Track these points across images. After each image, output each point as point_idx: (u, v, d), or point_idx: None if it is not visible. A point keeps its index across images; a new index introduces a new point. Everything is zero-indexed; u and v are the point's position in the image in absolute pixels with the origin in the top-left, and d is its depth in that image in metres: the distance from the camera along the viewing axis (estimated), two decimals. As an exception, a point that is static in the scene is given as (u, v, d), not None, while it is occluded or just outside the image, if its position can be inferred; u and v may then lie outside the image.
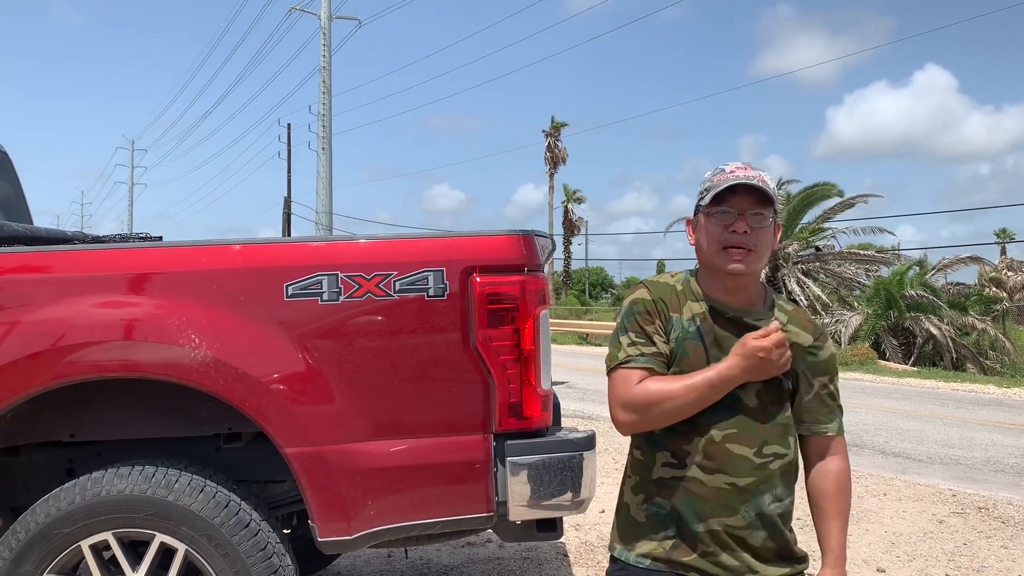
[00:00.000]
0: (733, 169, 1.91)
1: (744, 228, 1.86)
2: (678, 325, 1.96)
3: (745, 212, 1.87)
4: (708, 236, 1.90)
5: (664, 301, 1.98)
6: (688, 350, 1.94)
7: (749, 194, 1.87)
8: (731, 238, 1.86)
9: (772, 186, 1.89)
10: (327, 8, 27.15)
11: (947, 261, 25.58)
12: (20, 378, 2.45)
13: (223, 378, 2.45)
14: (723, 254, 1.88)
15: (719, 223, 1.88)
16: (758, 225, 1.88)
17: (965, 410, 11.33)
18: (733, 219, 1.87)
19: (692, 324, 1.95)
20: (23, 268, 2.58)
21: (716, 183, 1.89)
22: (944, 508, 5.94)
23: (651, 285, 2.02)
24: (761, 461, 1.90)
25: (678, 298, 1.98)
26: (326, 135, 26.95)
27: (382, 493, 2.50)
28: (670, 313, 1.96)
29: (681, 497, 1.92)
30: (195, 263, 2.57)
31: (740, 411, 1.90)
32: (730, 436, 1.89)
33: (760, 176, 1.88)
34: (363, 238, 2.65)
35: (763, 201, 1.88)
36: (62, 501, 2.47)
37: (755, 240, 1.87)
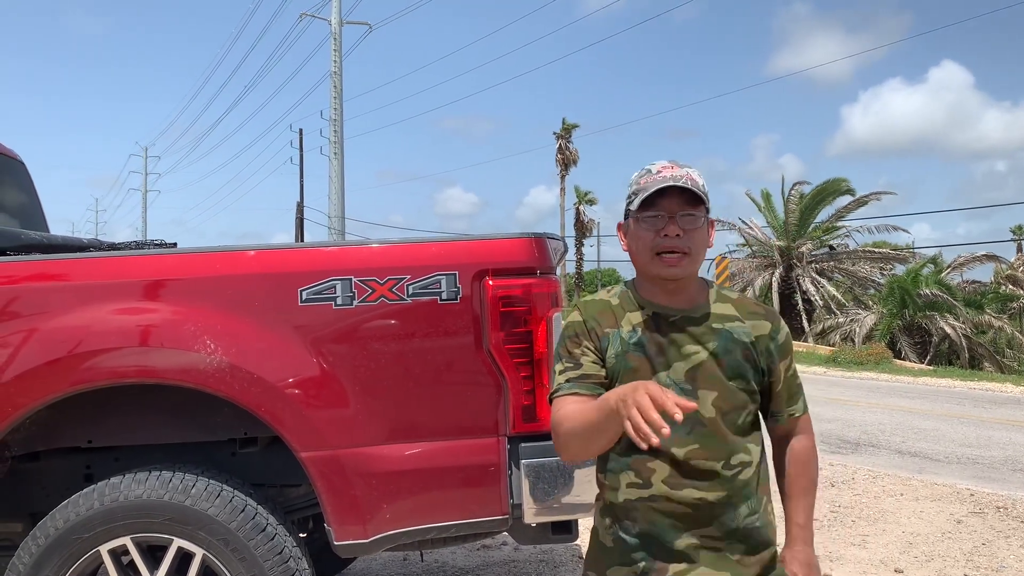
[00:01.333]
0: (660, 169, 1.80)
1: (676, 231, 1.76)
2: (616, 340, 1.83)
3: (676, 214, 1.76)
4: (640, 242, 1.80)
5: (596, 319, 1.86)
6: (631, 363, 1.81)
7: (678, 195, 1.77)
8: (664, 242, 1.77)
9: (701, 183, 1.79)
10: (337, 14, 27.26)
11: (963, 259, 25.41)
12: (39, 385, 2.48)
13: (238, 383, 2.46)
14: (657, 260, 1.78)
15: (650, 227, 1.78)
16: (691, 226, 1.77)
17: (982, 409, 11.24)
18: (664, 223, 1.77)
19: (633, 335, 1.83)
20: (40, 276, 2.60)
21: (644, 186, 1.78)
22: (962, 508, 5.90)
23: (582, 306, 1.91)
24: (730, 473, 1.79)
25: (614, 312, 1.87)
26: (338, 140, 27.05)
27: (397, 496, 2.51)
28: (604, 330, 1.84)
29: (650, 517, 1.80)
30: (210, 269, 2.59)
31: (698, 424, 1.77)
32: (693, 453, 1.77)
33: (688, 175, 1.78)
34: (376, 242, 2.66)
35: (693, 201, 1.78)
36: (81, 506, 2.49)
37: (689, 242, 1.77)
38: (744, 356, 1.82)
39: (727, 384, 1.80)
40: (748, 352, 1.82)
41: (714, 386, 1.79)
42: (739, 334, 1.83)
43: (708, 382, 1.79)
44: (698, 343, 1.81)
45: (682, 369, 1.80)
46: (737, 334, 1.82)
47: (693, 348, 1.80)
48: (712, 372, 1.79)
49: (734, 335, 1.82)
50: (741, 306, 1.88)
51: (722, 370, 1.80)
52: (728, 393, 1.80)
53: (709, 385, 1.79)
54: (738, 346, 1.82)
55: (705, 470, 1.77)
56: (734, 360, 1.81)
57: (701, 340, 1.81)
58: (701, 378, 1.79)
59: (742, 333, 1.83)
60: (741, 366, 1.81)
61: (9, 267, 2.64)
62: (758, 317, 1.87)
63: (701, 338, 1.81)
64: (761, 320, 1.86)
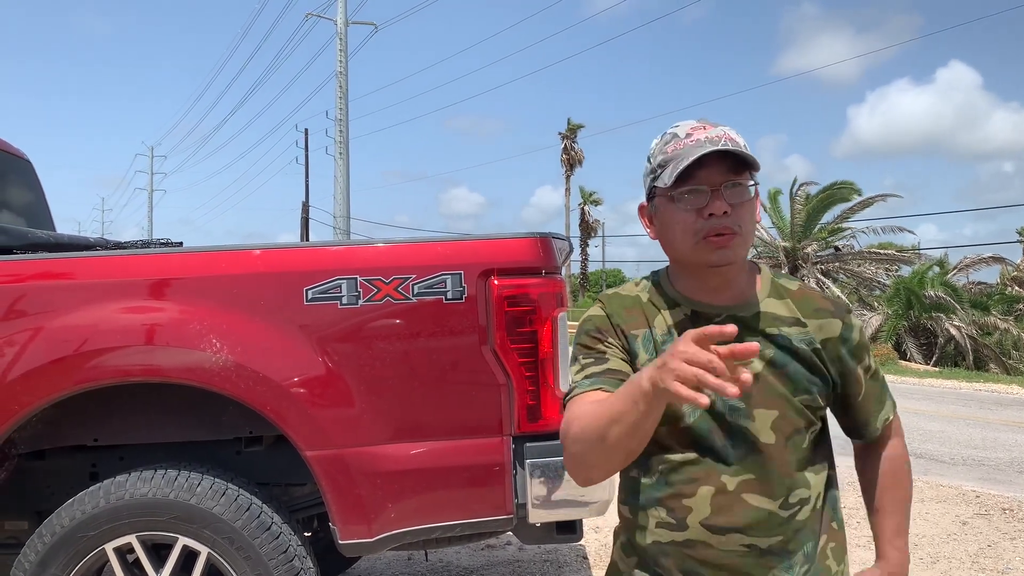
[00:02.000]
0: (689, 131, 1.44)
1: (724, 208, 1.40)
2: (646, 344, 1.50)
3: (720, 187, 1.41)
4: (679, 227, 1.44)
5: (622, 316, 1.53)
6: None
7: (719, 162, 1.41)
8: (711, 224, 1.41)
9: (743, 143, 1.43)
10: (343, 14, 27.29)
11: (968, 260, 25.33)
12: (45, 383, 2.48)
13: (244, 382, 2.47)
14: (703, 246, 1.42)
15: (689, 207, 1.42)
16: (739, 199, 1.42)
17: (988, 410, 11.20)
18: (707, 199, 1.41)
19: (670, 339, 1.47)
20: (47, 274, 2.61)
21: (673, 154, 1.43)
22: (968, 509, 5.88)
23: (605, 299, 1.59)
24: (788, 513, 1.44)
25: (643, 310, 1.53)
26: (343, 140, 27.08)
27: (402, 496, 2.51)
28: (629, 331, 1.51)
29: (684, 566, 1.46)
30: (215, 268, 2.59)
31: (756, 450, 1.44)
32: (747, 484, 1.43)
33: (726, 134, 1.42)
34: (381, 242, 2.67)
35: (739, 166, 1.43)
36: (86, 505, 2.50)
37: (738, 219, 1.42)
38: (808, 367, 1.47)
39: (791, 400, 1.45)
40: (812, 362, 1.48)
41: (774, 403, 1.44)
42: (799, 340, 1.48)
43: (766, 398, 1.44)
44: None
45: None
46: (797, 341, 1.48)
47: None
48: (770, 386, 1.45)
49: (793, 341, 1.47)
50: (803, 301, 1.52)
51: (783, 383, 1.46)
52: (791, 412, 1.45)
53: (767, 402, 1.44)
54: (799, 355, 1.47)
55: (758, 508, 1.43)
56: (796, 371, 1.47)
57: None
58: (757, 394, 1.44)
59: (803, 339, 1.48)
60: (805, 379, 1.47)
61: (16, 265, 2.65)
62: (824, 315, 1.51)
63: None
64: (828, 319, 1.51)
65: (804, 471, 1.47)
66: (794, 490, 1.45)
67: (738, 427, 1.44)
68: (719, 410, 1.44)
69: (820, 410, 1.50)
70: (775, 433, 1.44)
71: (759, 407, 1.44)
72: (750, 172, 1.44)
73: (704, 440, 1.45)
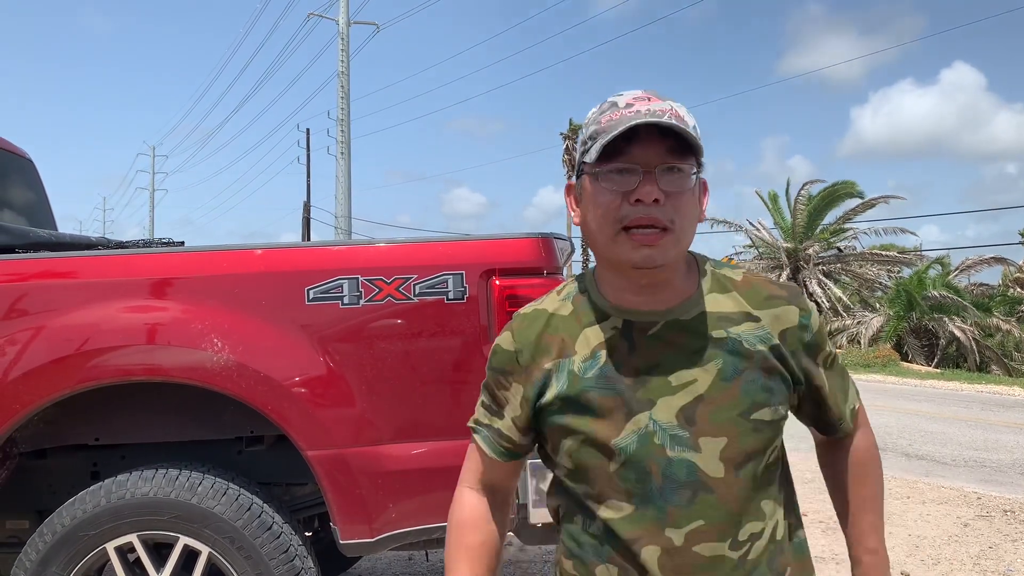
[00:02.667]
0: (630, 101, 1.20)
1: (654, 194, 1.16)
2: (562, 378, 1.27)
3: (654, 168, 1.17)
4: (599, 211, 1.20)
5: (531, 349, 1.31)
6: (594, 405, 1.25)
7: (658, 140, 1.18)
8: (635, 212, 1.17)
9: (692, 124, 1.19)
10: (345, 14, 27.29)
11: (970, 261, 25.31)
12: (47, 382, 2.48)
13: (245, 381, 2.47)
14: (623, 240, 1.19)
15: (615, 188, 1.19)
16: (675, 187, 1.18)
17: (990, 412, 11.19)
18: (636, 182, 1.17)
19: (592, 364, 1.26)
20: (48, 273, 2.61)
21: (606, 125, 1.19)
22: (969, 511, 5.87)
23: (516, 328, 1.35)
24: (740, 553, 1.23)
25: (561, 333, 1.30)
26: (345, 140, 27.08)
27: (403, 496, 2.51)
28: (542, 366, 1.29)
29: None
30: (217, 268, 2.59)
31: (703, 488, 1.21)
32: (697, 534, 1.21)
33: (672, 109, 1.18)
34: (383, 242, 2.67)
35: (680, 149, 1.18)
36: (87, 504, 2.50)
37: (672, 212, 1.18)
38: (767, 370, 1.25)
39: (743, 421, 1.23)
40: (770, 364, 1.25)
41: (723, 428, 1.22)
42: (753, 340, 1.25)
43: (713, 424, 1.22)
44: (694, 363, 1.24)
45: (673, 407, 1.23)
46: (750, 341, 1.25)
47: (686, 374, 1.23)
48: (718, 407, 1.23)
49: (745, 343, 1.25)
50: (751, 291, 1.30)
51: (734, 400, 1.23)
52: (745, 435, 1.23)
53: (714, 428, 1.22)
54: (755, 358, 1.24)
55: (710, 558, 1.22)
56: (750, 382, 1.24)
57: (698, 358, 1.24)
58: (702, 418, 1.22)
59: (757, 338, 1.25)
60: (764, 388, 1.24)
61: (17, 264, 2.65)
62: (778, 303, 1.29)
63: (697, 355, 1.24)
64: (783, 306, 1.28)
65: (757, 500, 1.25)
66: (743, 525, 1.23)
67: (680, 463, 1.22)
68: (657, 443, 1.22)
69: (780, 422, 1.27)
70: (724, 464, 1.22)
71: (705, 435, 1.21)
72: (696, 160, 1.21)
73: (640, 487, 1.23)
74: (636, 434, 1.22)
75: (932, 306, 22.16)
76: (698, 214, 1.24)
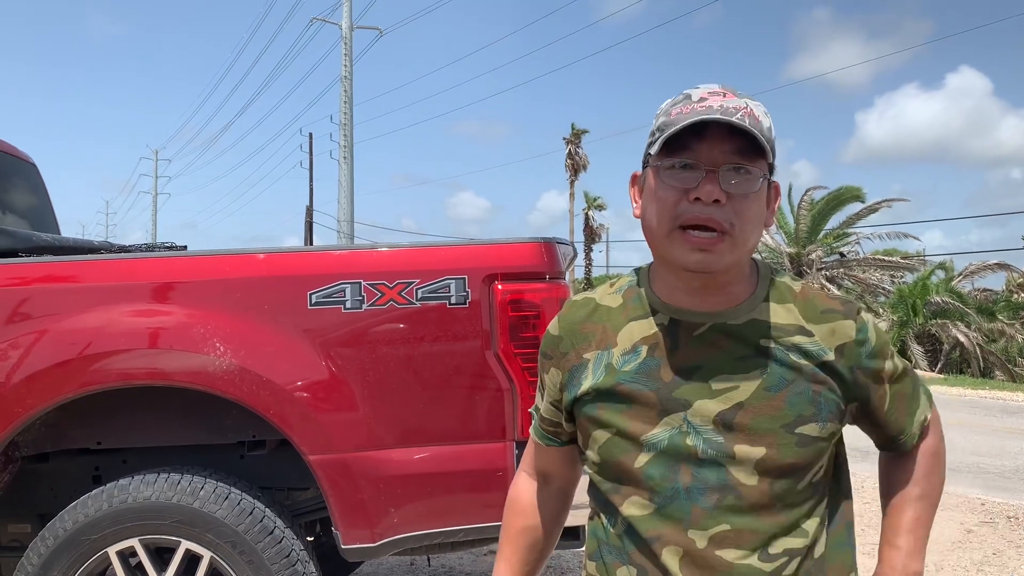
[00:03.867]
0: (704, 96, 1.16)
1: (716, 193, 1.11)
2: (596, 369, 1.25)
3: (719, 167, 1.12)
4: (657, 205, 1.16)
5: (574, 336, 1.29)
6: (629, 400, 1.22)
7: (727, 138, 1.13)
8: (692, 211, 1.13)
9: (767, 126, 1.15)
10: (348, 18, 27.35)
11: (974, 267, 25.30)
12: (49, 386, 2.48)
13: (247, 386, 2.47)
14: (678, 238, 1.14)
15: (675, 184, 1.14)
16: (741, 190, 1.13)
17: (994, 418, 11.16)
18: (697, 179, 1.13)
19: (632, 358, 1.23)
20: (51, 278, 2.61)
21: (675, 118, 1.14)
22: (973, 517, 5.85)
23: (564, 311, 1.34)
24: (774, 567, 1.18)
25: (606, 323, 1.27)
26: (347, 144, 27.12)
27: (405, 500, 2.51)
28: (581, 355, 1.28)
29: None
30: (220, 272, 2.59)
31: (733, 495, 1.17)
32: (721, 539, 1.17)
33: (747, 108, 1.13)
34: (385, 246, 2.67)
35: (749, 151, 1.13)
36: (89, 508, 2.49)
37: (733, 215, 1.13)
38: (816, 384, 1.19)
39: (785, 435, 1.17)
40: (821, 376, 1.19)
41: (762, 439, 1.17)
42: (804, 353, 1.19)
43: (753, 432, 1.17)
44: (738, 370, 1.19)
45: (711, 411, 1.18)
46: (801, 354, 1.19)
47: (729, 379, 1.18)
48: (761, 416, 1.17)
49: (794, 356, 1.19)
50: (807, 304, 1.23)
51: (778, 413, 1.17)
52: (784, 448, 1.17)
53: (754, 437, 1.17)
54: (804, 372, 1.19)
55: (733, 564, 1.17)
56: (797, 395, 1.18)
57: (743, 364, 1.19)
58: (741, 426, 1.17)
59: (808, 352, 1.19)
60: (812, 403, 1.18)
61: (20, 268, 2.65)
62: (834, 317, 1.22)
63: (743, 361, 1.19)
64: (839, 320, 1.22)
65: (795, 516, 1.20)
66: (779, 539, 1.18)
67: (711, 466, 1.18)
68: (690, 444, 1.18)
69: (828, 440, 1.20)
70: (759, 475, 1.17)
71: (742, 443, 1.17)
72: (766, 163, 1.15)
73: (665, 485, 1.20)
74: (668, 432, 1.19)
75: (935, 311, 22.13)
76: (764, 219, 1.19)
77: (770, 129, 1.16)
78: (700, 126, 1.12)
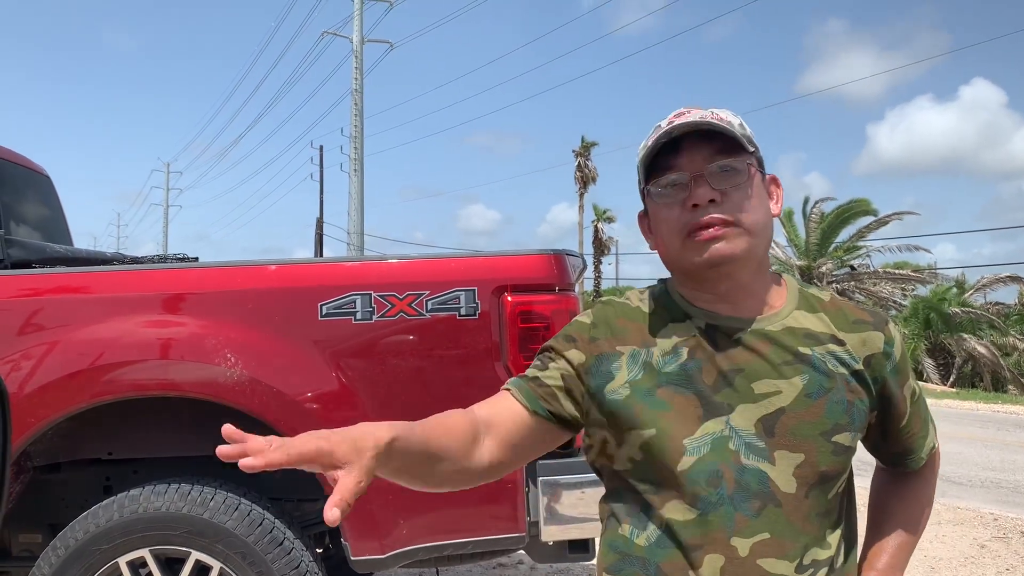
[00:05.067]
0: (671, 119, 1.22)
1: (709, 195, 1.17)
2: (632, 363, 1.24)
3: (704, 171, 1.18)
4: (665, 227, 1.22)
5: (609, 326, 1.28)
6: (666, 402, 1.20)
7: (703, 144, 1.19)
8: (695, 217, 1.17)
9: (737, 123, 1.21)
10: (359, 32, 27.53)
11: (986, 280, 25.17)
12: (62, 397, 2.50)
13: (258, 397, 2.48)
14: (691, 245, 1.18)
15: (672, 201, 1.20)
16: (730, 183, 1.18)
17: (1007, 432, 11.08)
18: (688, 188, 1.18)
19: (673, 358, 1.22)
20: (64, 289, 2.64)
21: (651, 145, 1.21)
22: (986, 532, 5.81)
23: (599, 307, 1.34)
24: None
25: (644, 323, 1.28)
26: (358, 157, 27.24)
27: (414, 512, 2.51)
28: (613, 346, 1.26)
29: None
30: (231, 283, 2.61)
31: (772, 502, 1.16)
32: (763, 546, 1.16)
33: (711, 113, 1.20)
34: (395, 258, 2.68)
35: (726, 148, 1.19)
36: (100, 518, 2.50)
37: (732, 207, 1.17)
38: (851, 395, 1.21)
39: (823, 443, 1.18)
40: (854, 386, 1.22)
41: (801, 444, 1.17)
42: (838, 362, 1.22)
43: (793, 438, 1.18)
44: (779, 375, 1.20)
45: (753, 416, 1.19)
46: (835, 362, 1.22)
47: (770, 384, 1.19)
48: (800, 423, 1.18)
49: (830, 364, 1.21)
50: (838, 314, 1.26)
51: (817, 420, 1.18)
52: (821, 455, 1.18)
53: (793, 443, 1.18)
54: (839, 380, 1.21)
55: (773, 574, 1.16)
56: (834, 403, 1.19)
57: (784, 370, 1.20)
58: (782, 432, 1.18)
59: (842, 360, 1.22)
60: (846, 412, 1.20)
61: (34, 280, 2.68)
62: (864, 327, 1.25)
63: (783, 367, 1.20)
64: (869, 330, 1.25)
65: (824, 528, 1.20)
66: (810, 549, 1.18)
67: (753, 472, 1.17)
68: (732, 449, 1.18)
69: (852, 451, 1.22)
70: (797, 481, 1.17)
71: (782, 448, 1.17)
72: (749, 155, 1.20)
73: (709, 490, 1.17)
74: (711, 436, 1.18)
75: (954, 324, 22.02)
76: (768, 209, 1.23)
77: (742, 125, 1.22)
78: (675, 143, 1.19)
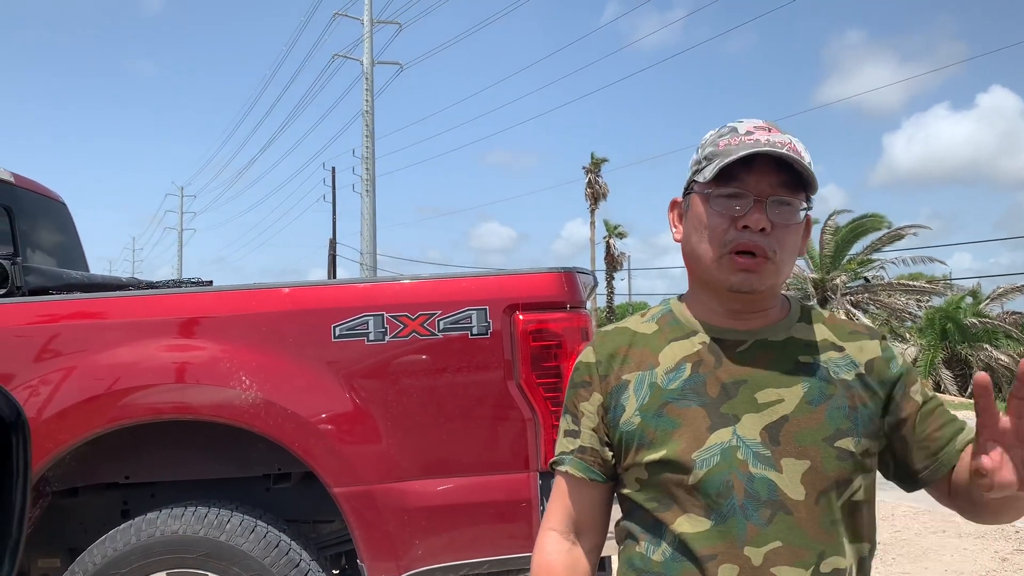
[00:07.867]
0: (751, 129, 1.23)
1: (763, 223, 1.19)
2: (640, 389, 1.27)
3: (766, 199, 1.20)
4: (707, 232, 1.23)
5: (611, 361, 1.31)
6: (674, 419, 1.23)
7: (774, 171, 1.20)
8: (740, 238, 1.20)
9: (808, 160, 1.22)
10: (369, 54, 27.75)
11: (1002, 290, 24.96)
12: (79, 421, 2.52)
13: (273, 419, 2.49)
14: (727, 262, 1.21)
15: (724, 212, 1.22)
16: (783, 220, 1.21)
17: (1027, 443, 10.95)
18: (747, 208, 1.20)
19: (676, 375, 1.26)
20: (81, 314, 2.66)
21: (725, 149, 1.22)
22: (1007, 545, 5.73)
23: (597, 339, 1.37)
24: None
25: (645, 347, 1.31)
26: (369, 177, 27.38)
27: (429, 532, 2.51)
28: (620, 376, 1.29)
29: None
30: (245, 306, 2.63)
31: (783, 509, 1.18)
32: (776, 554, 1.17)
33: (791, 143, 1.21)
34: (407, 278, 2.69)
35: (793, 183, 1.21)
36: (118, 542, 2.52)
37: (776, 243, 1.21)
38: (852, 400, 1.24)
39: (827, 448, 1.20)
40: (856, 391, 1.25)
41: (807, 451, 1.20)
42: (840, 368, 1.26)
43: (797, 445, 1.20)
44: (781, 384, 1.23)
45: (758, 425, 1.21)
46: (837, 368, 1.26)
47: (773, 392, 1.23)
48: (803, 429, 1.21)
49: (831, 371, 1.25)
50: (835, 327, 1.31)
51: (819, 426, 1.21)
52: (827, 461, 1.20)
53: (798, 450, 1.20)
54: (841, 386, 1.24)
55: None
56: (836, 409, 1.22)
57: (786, 379, 1.24)
58: (786, 439, 1.21)
59: (843, 366, 1.26)
60: (848, 417, 1.23)
61: (51, 306, 2.71)
62: (860, 337, 1.30)
63: (785, 375, 1.24)
64: (865, 340, 1.30)
65: (840, 536, 1.21)
66: (827, 557, 1.18)
67: (762, 480, 1.19)
68: (741, 458, 1.20)
69: (863, 457, 1.23)
70: (805, 488, 1.19)
71: (788, 456, 1.19)
72: (806, 196, 1.23)
73: (720, 501, 1.20)
74: (719, 447, 1.21)
75: (966, 335, 21.83)
76: (799, 249, 1.27)
77: (811, 164, 1.22)
78: (749, 158, 1.19)
